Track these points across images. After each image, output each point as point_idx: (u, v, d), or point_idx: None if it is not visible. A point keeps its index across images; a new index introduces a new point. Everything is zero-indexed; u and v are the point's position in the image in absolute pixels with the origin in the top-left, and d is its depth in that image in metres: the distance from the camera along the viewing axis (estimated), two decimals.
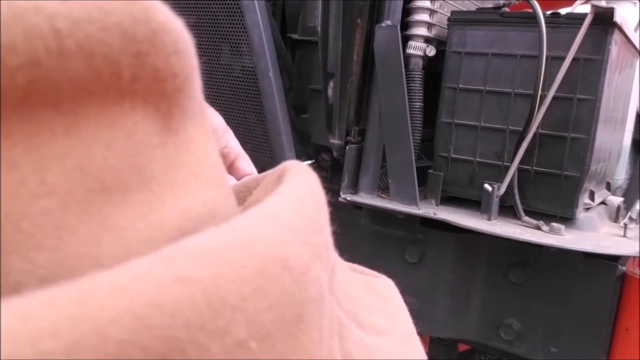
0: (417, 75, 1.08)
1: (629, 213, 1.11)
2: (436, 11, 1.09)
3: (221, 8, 1.12)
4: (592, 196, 1.10)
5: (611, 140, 1.14)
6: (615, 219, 1.14)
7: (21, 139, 0.13)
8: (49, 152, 0.14)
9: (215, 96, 1.18)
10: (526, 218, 1.00)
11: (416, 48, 1.07)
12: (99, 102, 0.15)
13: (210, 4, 1.13)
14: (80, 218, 0.14)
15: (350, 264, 0.33)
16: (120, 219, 0.15)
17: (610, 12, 0.92)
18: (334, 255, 0.22)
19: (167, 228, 0.16)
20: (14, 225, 0.13)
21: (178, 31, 0.17)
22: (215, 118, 0.58)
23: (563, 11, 1.05)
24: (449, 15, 1.08)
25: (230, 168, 0.62)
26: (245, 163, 0.62)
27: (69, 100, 0.14)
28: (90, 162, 0.14)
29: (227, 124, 0.61)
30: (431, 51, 1.08)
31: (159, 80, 0.16)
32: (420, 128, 1.09)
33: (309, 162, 1.14)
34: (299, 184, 0.20)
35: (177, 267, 0.14)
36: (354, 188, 1.11)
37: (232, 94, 1.17)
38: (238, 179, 0.61)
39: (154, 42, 0.16)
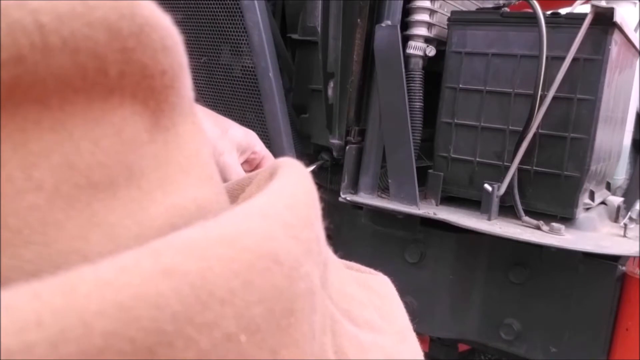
0: (417, 75, 1.08)
1: (629, 213, 1.11)
2: (436, 11, 1.09)
3: (221, 8, 1.12)
4: (592, 196, 1.10)
5: (611, 140, 1.13)
6: (615, 219, 1.14)
7: (7, 135, 0.13)
8: (35, 148, 0.14)
9: (215, 96, 1.19)
10: (526, 218, 1.00)
11: (416, 48, 1.07)
12: (86, 98, 0.15)
13: (210, 4, 1.13)
14: (68, 214, 0.14)
15: (346, 262, 0.33)
16: (108, 215, 0.15)
17: (610, 12, 0.92)
18: (326, 251, 0.22)
19: (156, 224, 0.16)
20: (0, 221, 0.13)
21: (165, 27, 0.17)
22: (238, 133, 0.58)
23: (563, 11, 1.05)
24: (449, 15, 1.08)
25: (256, 170, 0.63)
26: (271, 162, 0.63)
27: (55, 96, 0.14)
28: (78, 158, 0.14)
29: None
30: (431, 51, 1.08)
31: (147, 76, 0.16)
32: (420, 128, 1.09)
33: (312, 167, 1.14)
34: (291, 179, 0.20)
35: (163, 260, 0.14)
36: (354, 188, 1.11)
37: (232, 94, 1.17)
38: None
39: (141, 37, 0.16)
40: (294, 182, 0.20)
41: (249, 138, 0.60)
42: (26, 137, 0.14)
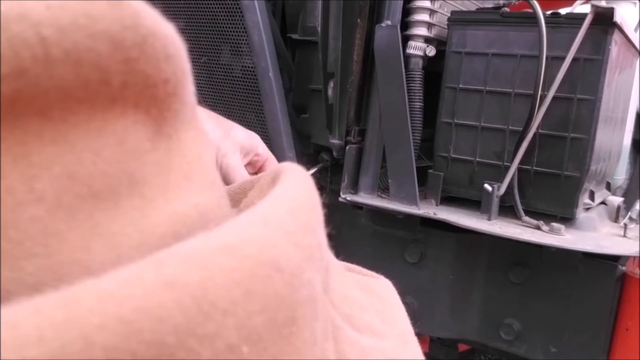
0: (417, 75, 1.08)
1: (629, 213, 1.11)
2: (436, 11, 1.09)
3: (221, 8, 1.12)
4: (592, 196, 1.10)
5: (611, 140, 1.13)
6: (615, 219, 1.14)
7: (8, 147, 0.13)
8: (37, 160, 0.14)
9: (215, 96, 1.18)
10: (526, 218, 1.00)
11: (416, 48, 1.07)
12: (88, 109, 0.15)
13: (210, 4, 1.13)
14: (70, 224, 0.14)
15: (348, 265, 0.33)
16: (110, 224, 0.15)
17: (610, 12, 0.92)
18: (328, 255, 0.22)
19: (158, 232, 0.16)
20: (1, 233, 0.13)
21: (168, 36, 0.17)
22: (241, 135, 0.58)
23: (563, 11, 1.05)
24: (449, 15, 1.08)
25: (259, 171, 0.62)
26: (274, 166, 0.63)
27: (57, 107, 0.14)
28: (80, 169, 0.14)
29: None
30: (431, 51, 1.08)
31: (149, 86, 0.16)
32: (420, 128, 1.09)
33: (314, 170, 1.13)
34: (292, 185, 0.20)
35: (165, 272, 0.14)
36: (354, 188, 1.11)
37: (232, 94, 1.17)
38: None
39: (144, 48, 0.16)
40: (296, 187, 0.20)
41: (252, 140, 0.60)
42: (27, 150, 0.14)
